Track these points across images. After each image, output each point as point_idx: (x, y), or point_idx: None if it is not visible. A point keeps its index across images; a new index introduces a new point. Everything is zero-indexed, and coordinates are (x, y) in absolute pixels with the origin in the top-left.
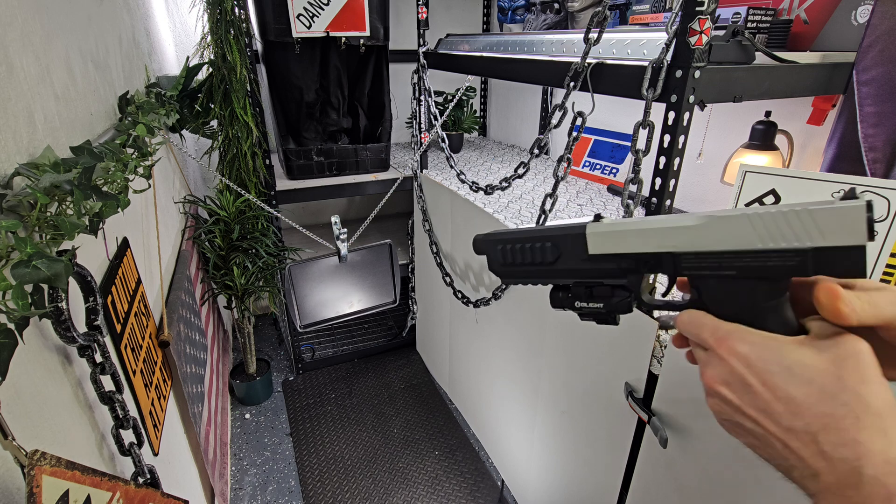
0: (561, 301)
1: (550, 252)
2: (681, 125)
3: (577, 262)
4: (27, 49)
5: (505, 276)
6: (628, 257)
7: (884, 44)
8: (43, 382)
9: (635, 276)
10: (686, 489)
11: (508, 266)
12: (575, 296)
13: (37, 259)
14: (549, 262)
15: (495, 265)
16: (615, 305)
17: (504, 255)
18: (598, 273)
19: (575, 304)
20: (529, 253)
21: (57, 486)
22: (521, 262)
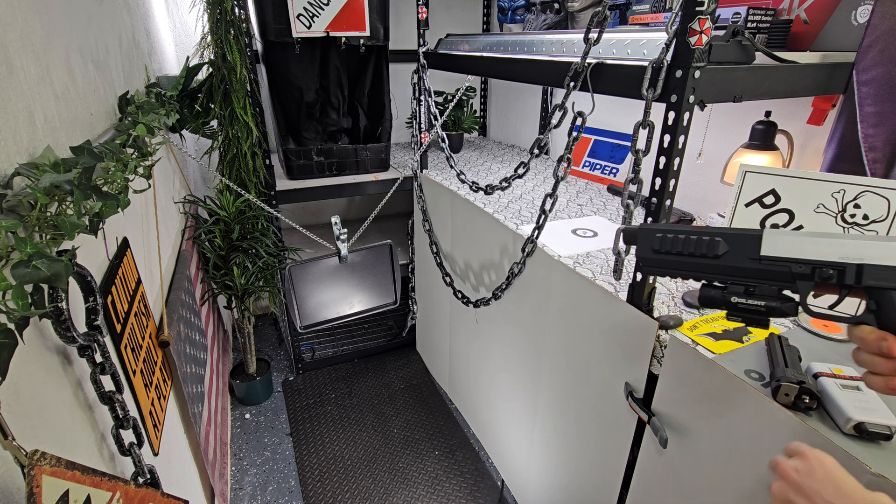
0: (713, 297)
1: (717, 246)
2: (681, 125)
3: (744, 261)
4: (27, 49)
5: (652, 264)
6: (804, 263)
7: (884, 44)
8: (43, 382)
9: (806, 284)
10: (686, 489)
11: (661, 255)
12: (732, 292)
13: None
14: (712, 255)
15: (645, 251)
16: (777, 308)
17: (662, 243)
18: (764, 275)
19: (731, 299)
20: (693, 244)
21: (57, 486)
22: (679, 252)
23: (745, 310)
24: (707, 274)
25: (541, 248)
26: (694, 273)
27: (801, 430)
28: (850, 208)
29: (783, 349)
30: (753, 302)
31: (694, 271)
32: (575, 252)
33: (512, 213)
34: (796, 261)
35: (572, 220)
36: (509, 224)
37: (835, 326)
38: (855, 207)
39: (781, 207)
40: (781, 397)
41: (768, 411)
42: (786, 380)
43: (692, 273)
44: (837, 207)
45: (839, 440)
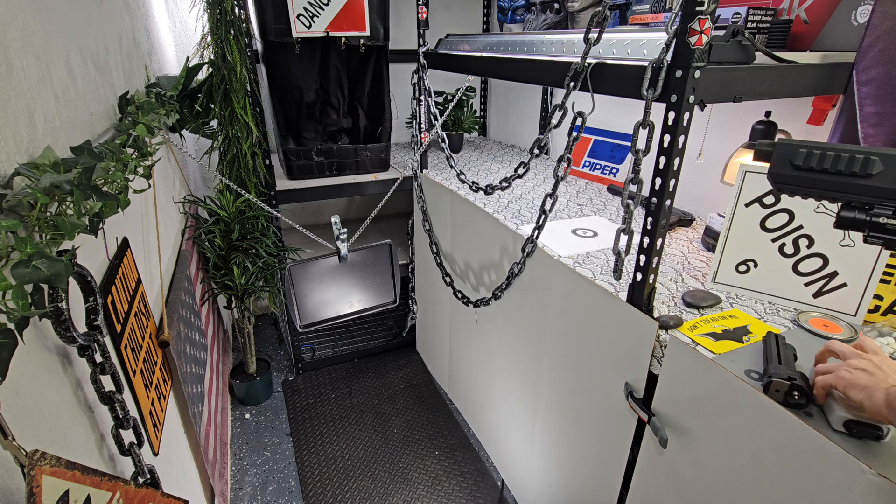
0: (855, 218)
1: (872, 165)
2: (681, 125)
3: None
4: (27, 49)
5: (788, 181)
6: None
7: (884, 44)
8: (43, 382)
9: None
10: (686, 489)
11: (801, 171)
12: (879, 213)
13: (37, 259)
14: (864, 174)
15: (783, 167)
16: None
17: (805, 159)
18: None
19: (879, 219)
20: (842, 161)
21: (57, 486)
22: (822, 170)
23: (890, 230)
24: (853, 195)
25: (541, 248)
26: (837, 193)
27: (801, 431)
28: None
29: (778, 347)
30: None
31: (837, 191)
32: (575, 252)
33: (512, 213)
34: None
35: (572, 220)
36: (509, 224)
37: (835, 326)
38: None
39: (781, 207)
40: (772, 393)
41: (768, 411)
42: (777, 376)
43: (835, 193)
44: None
45: (839, 440)
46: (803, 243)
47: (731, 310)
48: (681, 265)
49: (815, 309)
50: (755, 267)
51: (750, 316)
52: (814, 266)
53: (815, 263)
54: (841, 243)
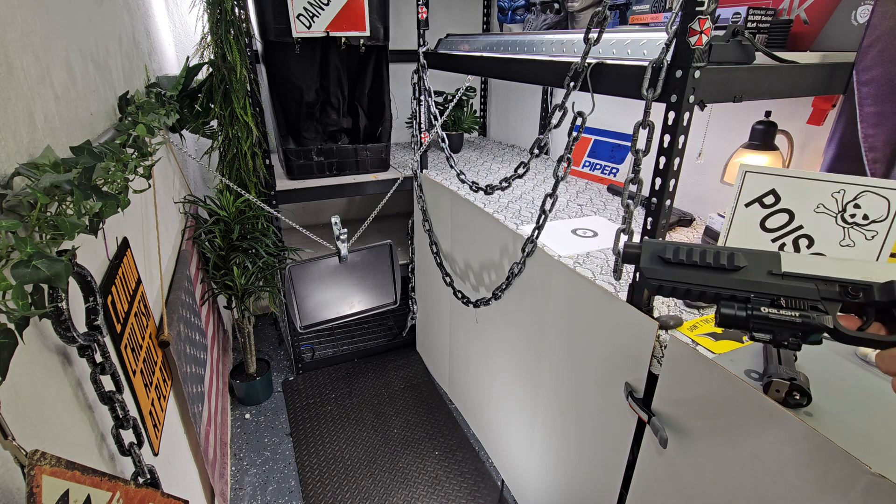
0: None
1: (736, 258)
2: (681, 125)
3: (764, 276)
4: (27, 49)
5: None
6: (830, 281)
7: (884, 44)
8: (43, 382)
9: (834, 304)
10: (686, 489)
11: (670, 265)
12: (756, 305)
13: (37, 259)
14: (731, 267)
15: (652, 262)
16: (814, 320)
17: (674, 253)
18: (789, 291)
19: (761, 309)
20: (708, 255)
21: (57, 486)
22: (690, 264)
23: (776, 322)
24: (724, 288)
25: (541, 248)
26: (709, 287)
27: (801, 431)
28: (850, 208)
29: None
30: (787, 313)
31: (709, 285)
32: (575, 252)
33: (512, 213)
34: (822, 278)
35: (572, 220)
36: (509, 224)
37: None
38: (855, 207)
39: (781, 207)
40: (772, 393)
41: (768, 411)
42: (777, 376)
43: (707, 287)
44: (837, 207)
45: (839, 440)
46: (803, 243)
47: None
48: None
49: None
50: None
51: None
52: None
53: None
54: (841, 243)
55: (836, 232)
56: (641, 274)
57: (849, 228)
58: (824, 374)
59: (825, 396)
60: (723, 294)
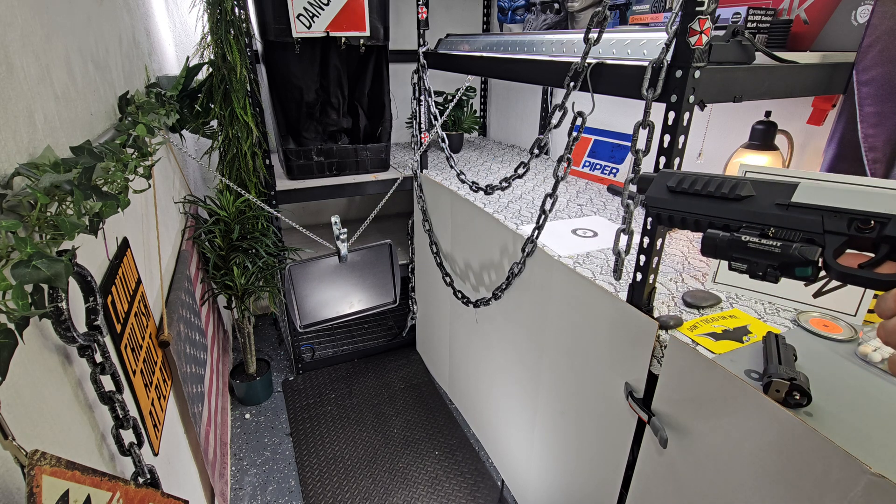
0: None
1: (742, 187)
2: (681, 125)
3: (770, 207)
4: (27, 49)
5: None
6: (841, 212)
7: (884, 44)
8: (43, 382)
9: (837, 238)
10: (686, 489)
11: (676, 193)
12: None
13: (37, 259)
14: (734, 196)
15: (659, 192)
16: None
17: (680, 181)
18: (789, 222)
19: (743, 237)
20: (714, 184)
21: (57, 486)
22: (697, 192)
23: (753, 251)
24: (723, 218)
25: (541, 248)
26: (708, 216)
27: (801, 431)
28: None
29: (779, 347)
30: (768, 242)
31: (708, 213)
32: (575, 252)
33: (512, 213)
34: (832, 209)
35: (572, 220)
36: (509, 224)
37: (834, 326)
38: None
39: None
40: (772, 393)
41: (768, 411)
42: (777, 376)
43: (706, 216)
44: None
45: (839, 440)
46: None
47: (732, 310)
48: (681, 265)
49: (815, 309)
50: None
51: (750, 316)
52: None
53: None
54: None
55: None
56: (645, 201)
57: None
58: (824, 374)
59: (825, 396)
60: (716, 223)
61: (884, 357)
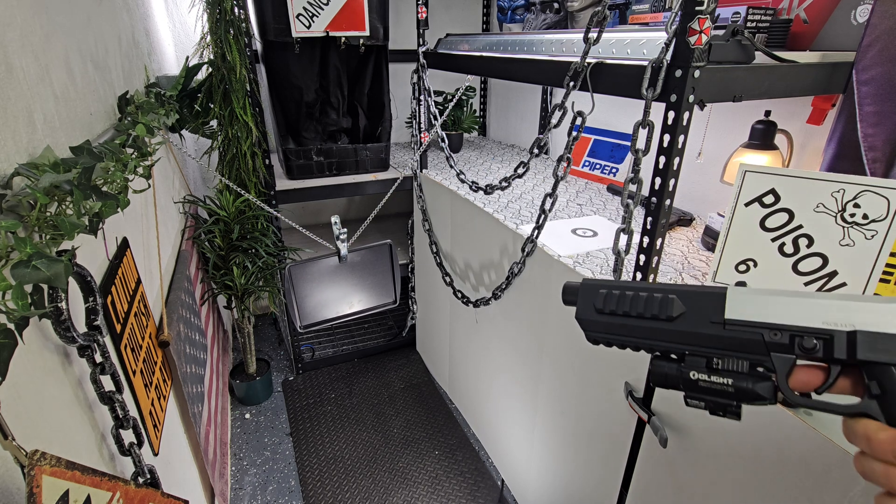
0: (667, 374)
1: (672, 306)
2: (680, 125)
3: (704, 325)
4: (26, 49)
5: (593, 328)
6: (782, 329)
7: (883, 43)
8: (43, 382)
9: (785, 358)
10: (686, 489)
11: (604, 315)
12: (690, 366)
13: (36, 259)
14: (664, 317)
15: (587, 312)
16: (750, 389)
17: (605, 301)
18: (730, 344)
19: (691, 374)
20: (641, 303)
21: (57, 486)
22: (625, 313)
23: (707, 390)
24: (660, 342)
25: (540, 247)
26: (644, 340)
27: (801, 429)
28: (849, 208)
29: None
30: (718, 380)
31: (644, 338)
32: (575, 252)
33: (512, 213)
34: (770, 326)
35: (572, 219)
36: (509, 224)
37: None
38: (854, 207)
39: (781, 207)
40: None
41: (768, 411)
42: None
43: (642, 340)
44: (837, 207)
45: (839, 439)
46: (803, 243)
47: None
48: (680, 265)
49: None
50: (755, 266)
51: None
52: (813, 265)
53: (815, 263)
54: (840, 243)
55: (835, 231)
56: (579, 322)
57: (848, 228)
58: None
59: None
60: (657, 347)
61: None
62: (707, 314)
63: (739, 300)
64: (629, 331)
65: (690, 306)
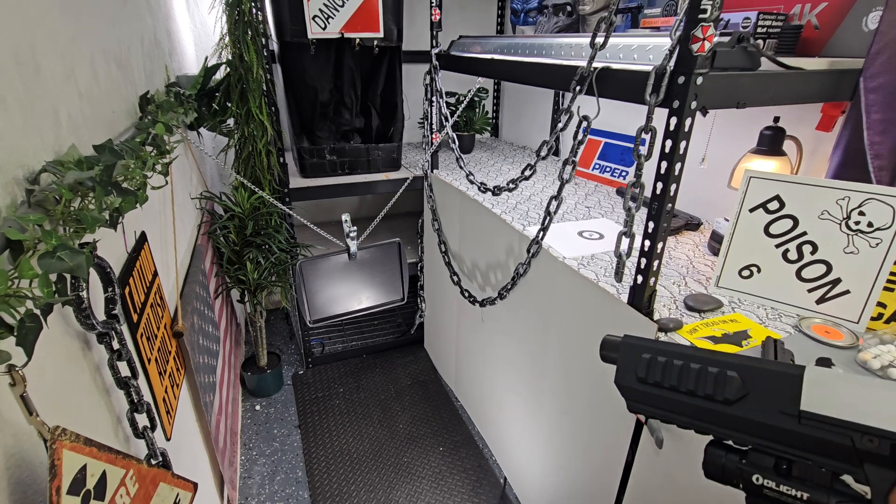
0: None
1: (730, 386)
2: (682, 131)
3: (773, 415)
4: (53, 50)
5: (636, 398)
6: (881, 436)
7: (892, 51)
8: (65, 366)
9: (883, 472)
10: (681, 490)
11: (649, 386)
12: (753, 466)
13: (61, 250)
14: (721, 399)
15: (628, 378)
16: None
17: (649, 369)
18: (807, 443)
19: (754, 478)
20: (692, 377)
21: (76, 460)
22: (673, 387)
23: (775, 501)
24: (717, 427)
25: (546, 249)
26: (696, 422)
27: None
28: (854, 215)
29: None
30: (788, 490)
31: (697, 419)
32: (580, 254)
33: (519, 215)
34: (864, 428)
35: (580, 222)
36: (516, 225)
37: (836, 333)
38: (860, 215)
39: (786, 213)
40: None
41: None
42: None
43: (693, 422)
44: (842, 214)
45: None
46: (807, 249)
47: (733, 314)
48: (685, 269)
49: (817, 315)
50: (758, 272)
51: (751, 321)
52: (817, 272)
53: (819, 270)
54: (845, 250)
55: (840, 238)
56: (619, 389)
57: (853, 236)
58: None
59: None
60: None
61: (883, 364)
62: (777, 400)
63: (823, 386)
64: (678, 408)
65: (755, 387)
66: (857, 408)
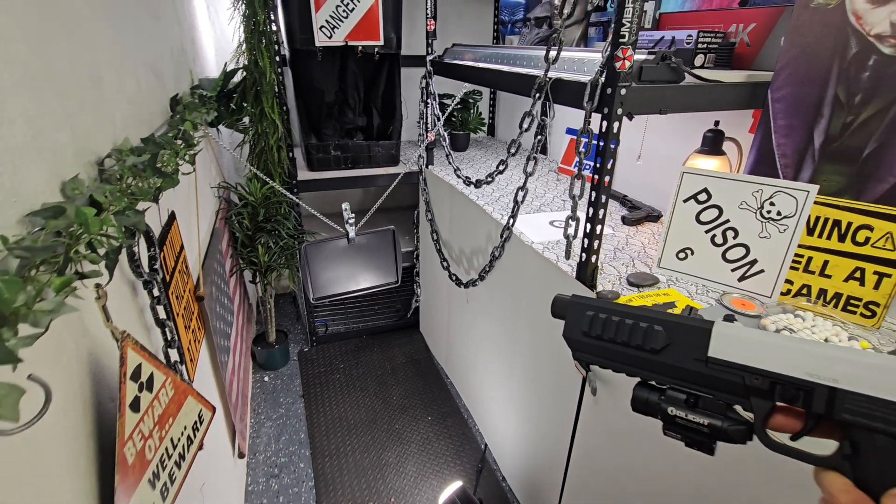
0: (647, 402)
1: (656, 338)
2: (611, 132)
3: (687, 361)
4: (110, 66)
5: (580, 348)
6: (763, 375)
7: (792, 67)
8: (120, 304)
9: (763, 402)
10: (615, 433)
11: (591, 339)
12: (669, 401)
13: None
14: (649, 348)
15: (574, 332)
16: (726, 430)
17: (591, 324)
18: (711, 382)
19: (668, 410)
20: (627, 330)
21: (135, 359)
22: (611, 339)
23: (683, 426)
24: (644, 371)
25: (517, 235)
26: (627, 367)
27: None
28: (766, 205)
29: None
30: (694, 418)
31: (629, 365)
32: (546, 239)
33: (501, 206)
34: (752, 370)
35: (553, 213)
36: (495, 214)
37: (750, 305)
38: (770, 205)
39: (712, 203)
40: None
41: None
42: None
43: (625, 367)
44: (756, 204)
45: None
46: (730, 234)
47: (667, 289)
48: (637, 253)
49: (738, 291)
50: (692, 254)
51: (681, 294)
52: (738, 254)
53: (739, 252)
54: (760, 235)
55: (755, 225)
56: (567, 341)
57: (766, 223)
58: None
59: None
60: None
61: (778, 328)
62: (691, 349)
63: (725, 338)
64: (613, 356)
65: (675, 339)
66: (749, 354)
